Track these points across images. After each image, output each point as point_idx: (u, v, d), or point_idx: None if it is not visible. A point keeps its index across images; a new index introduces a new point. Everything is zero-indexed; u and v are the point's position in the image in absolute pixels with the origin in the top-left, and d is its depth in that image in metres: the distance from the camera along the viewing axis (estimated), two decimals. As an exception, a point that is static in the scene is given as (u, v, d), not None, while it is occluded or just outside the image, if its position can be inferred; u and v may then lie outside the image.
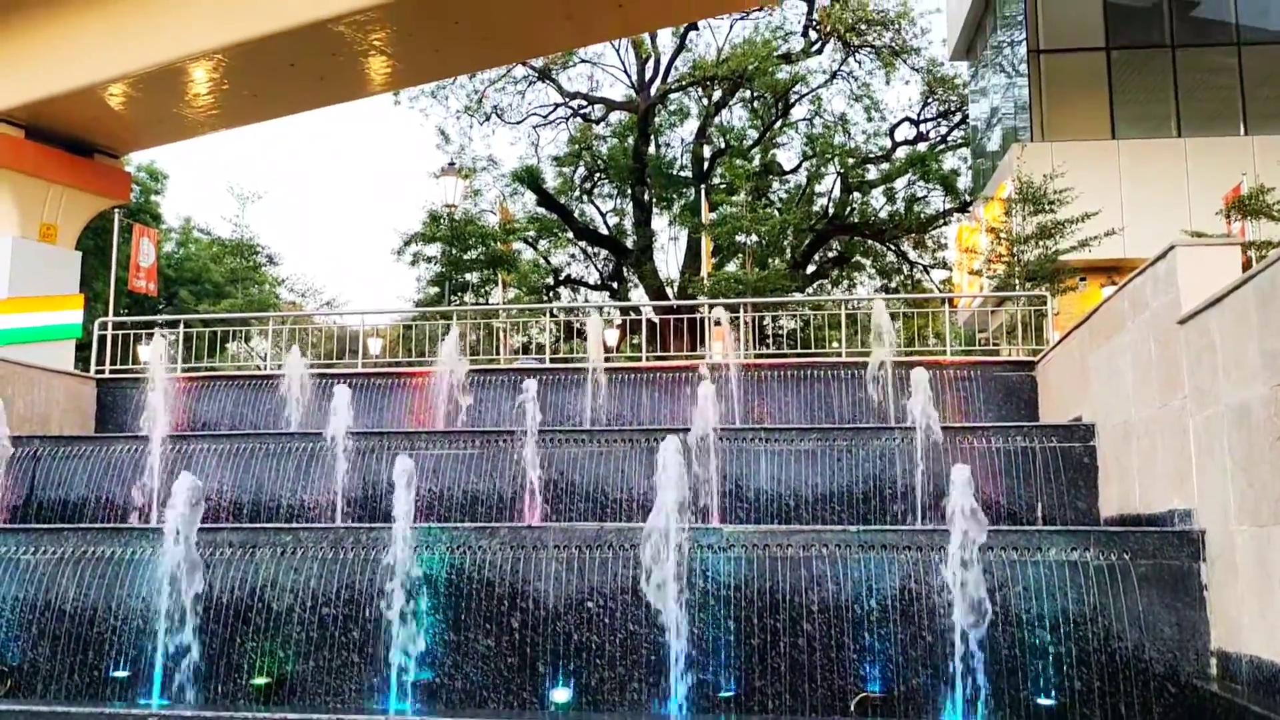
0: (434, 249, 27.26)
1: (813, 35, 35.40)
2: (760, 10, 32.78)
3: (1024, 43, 26.72)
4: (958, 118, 37.12)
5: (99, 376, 14.84)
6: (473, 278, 27.22)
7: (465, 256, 23.99)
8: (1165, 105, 25.72)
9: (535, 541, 8.43)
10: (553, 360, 16.27)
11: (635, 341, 26.43)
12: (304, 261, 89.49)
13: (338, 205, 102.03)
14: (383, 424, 13.50)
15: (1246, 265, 16.66)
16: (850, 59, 36.12)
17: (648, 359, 15.80)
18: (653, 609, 7.86)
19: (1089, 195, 21.89)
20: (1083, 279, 23.37)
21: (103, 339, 16.30)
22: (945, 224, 36.55)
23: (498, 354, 18.15)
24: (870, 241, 37.45)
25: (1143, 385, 9.16)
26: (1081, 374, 11.14)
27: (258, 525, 9.56)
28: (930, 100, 37.21)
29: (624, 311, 29.21)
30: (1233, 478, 7.33)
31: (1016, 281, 20.28)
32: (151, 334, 15.72)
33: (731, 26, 35.86)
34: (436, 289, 32.33)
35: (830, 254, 38.63)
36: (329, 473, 10.86)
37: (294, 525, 9.36)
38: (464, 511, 10.72)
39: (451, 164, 24.93)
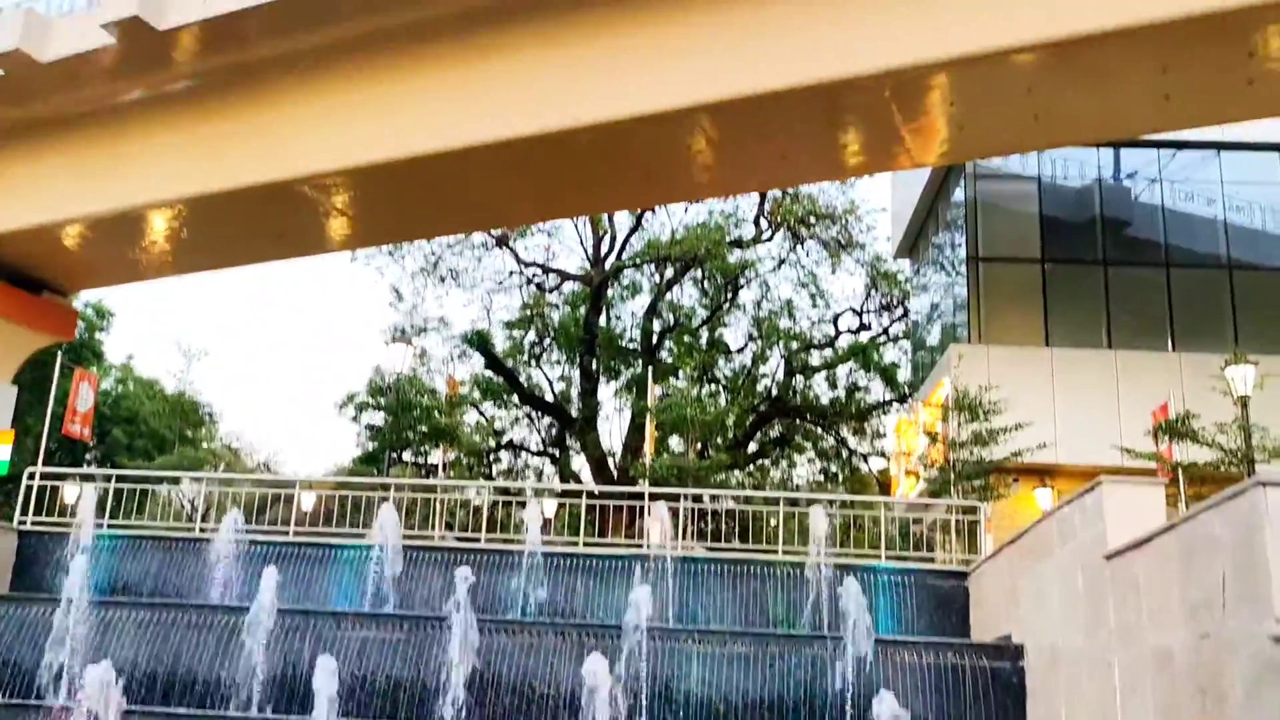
0: (378, 416, 27.26)
1: (763, 224, 36.64)
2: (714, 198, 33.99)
3: (963, 247, 27.88)
4: (899, 311, 38.30)
5: (20, 528, 14.42)
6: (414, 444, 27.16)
7: (407, 434, 23.95)
8: (1097, 318, 26.78)
9: (457, 746, 8.21)
10: (488, 537, 16.10)
11: (575, 511, 26.28)
12: (246, 410, 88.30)
13: (286, 347, 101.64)
14: (310, 597, 13.21)
15: (1173, 498, 17.05)
16: (799, 248, 37.37)
17: (585, 542, 15.72)
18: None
19: (1023, 400, 22.52)
20: (1015, 480, 23.82)
21: (29, 488, 15.89)
22: (884, 414, 37.27)
23: (433, 528, 17.97)
24: (811, 425, 37.98)
25: (1070, 614, 9.30)
26: (1012, 591, 11.28)
27: (171, 712, 9.22)
28: (873, 293, 38.42)
29: (564, 492, 29.21)
30: (1156, 723, 7.40)
31: (951, 484, 20.63)
32: (79, 477, 15.36)
33: (686, 210, 37.08)
34: (375, 444, 32.12)
35: (772, 434, 39.07)
36: (251, 651, 10.55)
37: (209, 715, 9.04)
38: (386, 699, 10.43)
39: (402, 332, 25.08)
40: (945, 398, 23.65)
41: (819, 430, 38.51)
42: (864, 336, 38.42)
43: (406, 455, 32.09)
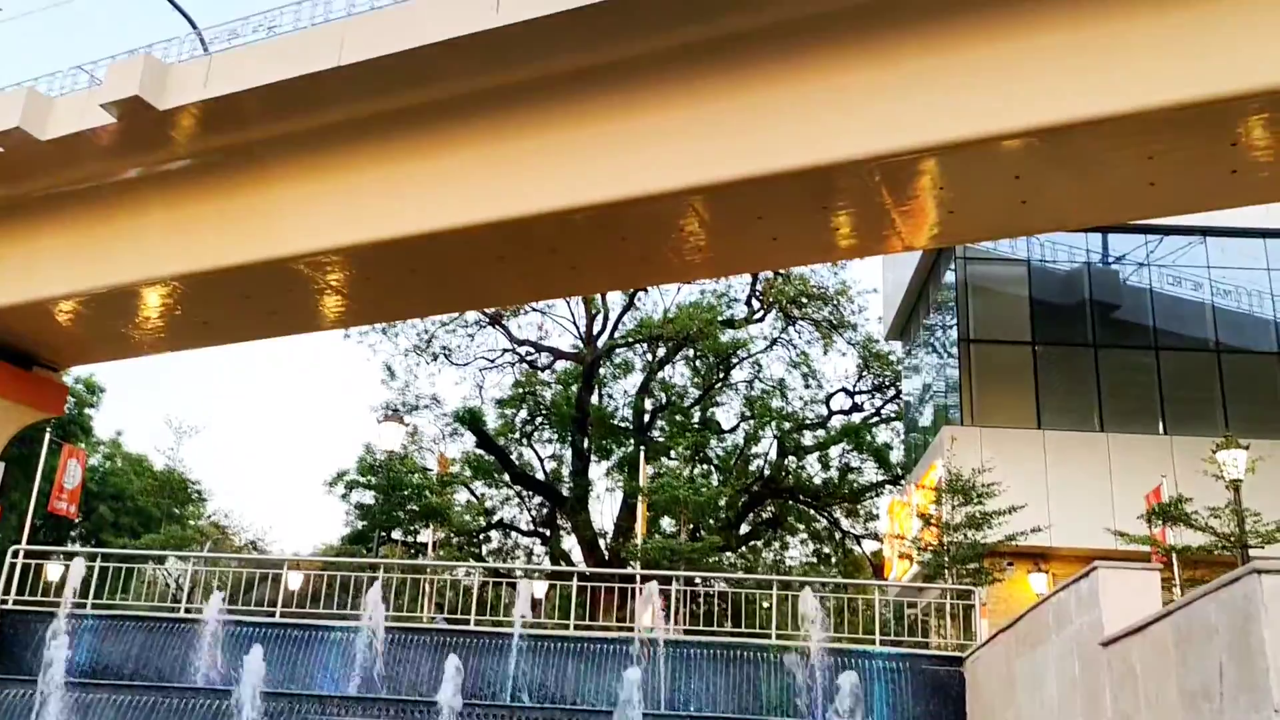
0: (367, 494, 27.10)
1: (755, 304, 36.86)
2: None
3: (954, 329, 28.03)
4: (891, 392, 38.36)
5: (1, 608, 14.20)
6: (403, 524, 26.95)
7: (397, 513, 23.78)
8: (1088, 400, 26.84)
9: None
10: (478, 619, 15.87)
11: (565, 592, 25.97)
12: (235, 487, 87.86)
13: (277, 423, 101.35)
14: (296, 679, 12.97)
15: (1167, 583, 16.91)
16: (790, 328, 37.54)
17: (576, 625, 15.51)
18: None
19: (1016, 483, 22.43)
20: (1010, 564, 23.66)
21: (11, 566, 15.68)
22: (878, 495, 37.11)
23: (422, 610, 17.73)
24: (804, 506, 37.78)
25: (1067, 703, 9.17)
26: (1008, 679, 11.12)
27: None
28: (865, 373, 38.52)
29: (554, 574, 28.96)
30: (1157, 816, 7.25)
31: (946, 568, 20.47)
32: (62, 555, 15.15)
33: (679, 290, 37.33)
34: (364, 523, 31.87)
35: (764, 515, 38.85)
36: (232, 736, 10.33)
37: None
38: (369, 787, 10.18)
39: (395, 410, 25.01)
40: (939, 480, 23.58)
41: (812, 511, 38.31)
42: (856, 417, 38.44)
43: (396, 534, 31.81)
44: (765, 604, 18.00)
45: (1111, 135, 14.53)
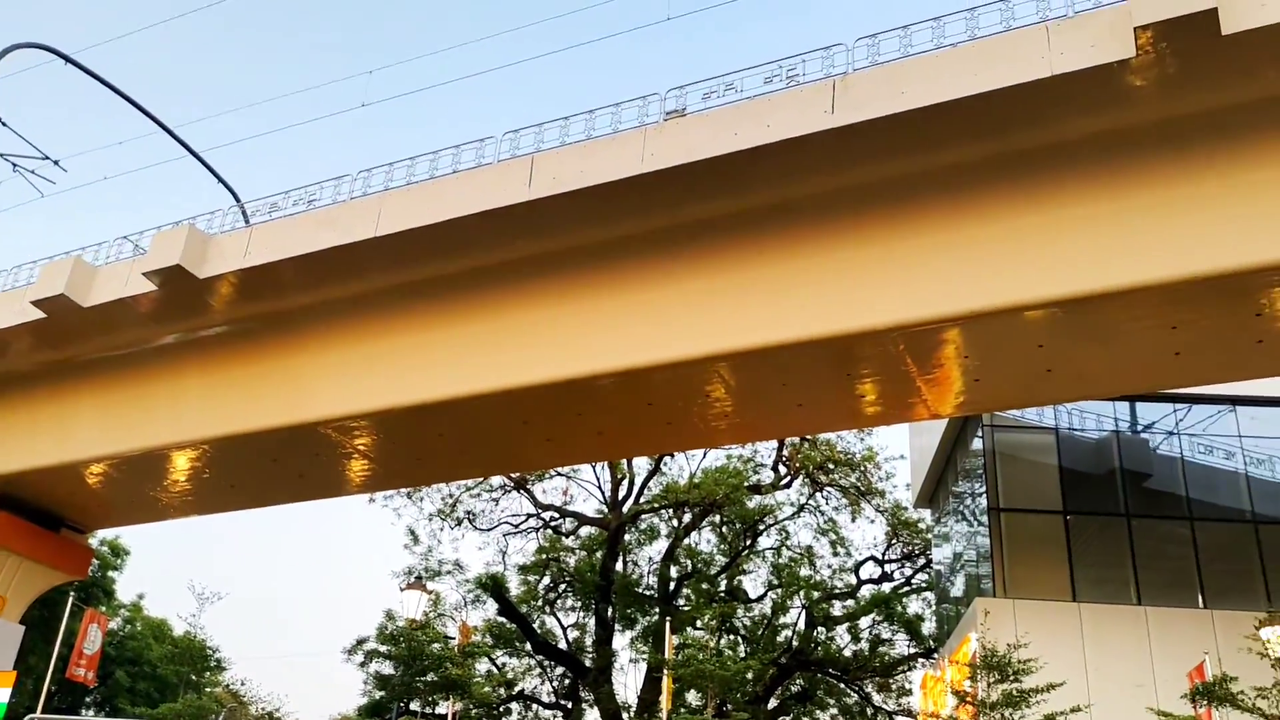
0: (386, 663, 26.65)
1: (782, 469, 36.69)
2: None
3: (984, 497, 27.69)
4: (921, 561, 37.67)
5: (8, 777, 13.83)
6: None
7: (416, 683, 23.31)
8: (1124, 572, 26.22)
9: None
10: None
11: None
12: (254, 651, 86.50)
13: (301, 587, 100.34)
14: None
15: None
16: (818, 495, 37.23)
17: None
18: None
19: (1052, 658, 21.74)
20: (1050, 745, 22.71)
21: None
22: (910, 669, 36.02)
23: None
24: (834, 680, 36.68)
25: None
26: None
27: None
28: (894, 541, 37.93)
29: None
30: None
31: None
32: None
33: (705, 454, 37.28)
34: (383, 693, 31.15)
35: (793, 688, 37.70)
36: None
37: None
38: None
39: (418, 578, 24.73)
40: (973, 654, 22.88)
41: (842, 685, 37.14)
42: (886, 586, 37.65)
43: (414, 705, 31.05)
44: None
45: (1133, 306, 14.66)
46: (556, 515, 38.21)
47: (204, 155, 22.77)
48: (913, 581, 38.14)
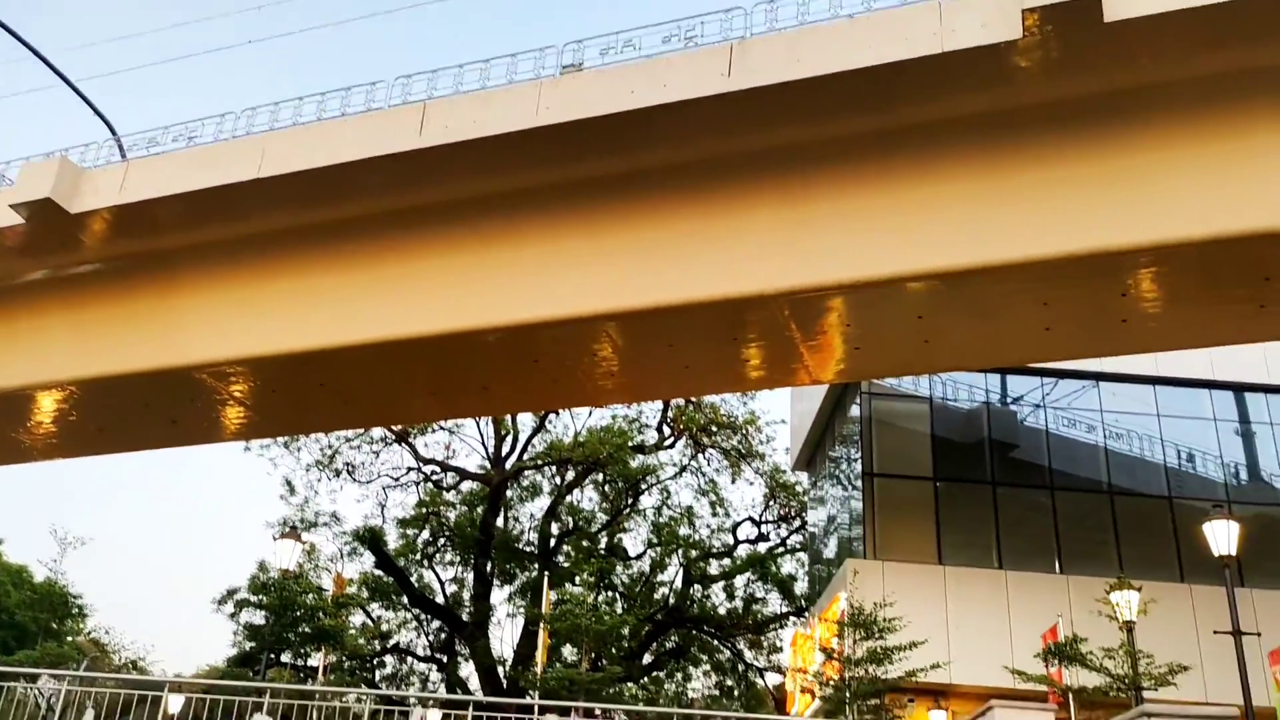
0: (258, 614, 26.18)
1: (666, 431, 37.09)
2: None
3: (859, 463, 28.46)
4: (797, 523, 38.60)
5: None
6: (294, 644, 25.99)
7: (288, 634, 22.94)
8: (987, 537, 27.29)
9: None
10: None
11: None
12: (120, 600, 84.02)
13: (170, 535, 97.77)
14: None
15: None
16: (700, 456, 37.78)
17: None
18: None
19: (917, 617, 22.56)
20: (911, 700, 23.61)
21: None
22: (781, 627, 36.98)
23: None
24: (708, 637, 37.44)
25: (963, 845, 9.08)
26: (905, 820, 10.99)
27: None
28: (772, 503, 38.77)
29: (449, 702, 28.10)
30: None
31: (847, 703, 20.35)
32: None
33: (591, 413, 37.42)
34: (253, 644, 30.63)
35: (668, 644, 38.37)
36: None
37: None
38: None
39: (292, 527, 24.26)
40: (841, 613, 23.60)
41: (716, 642, 37.95)
42: (762, 547, 38.55)
43: (285, 657, 30.64)
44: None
45: (1008, 281, 15.15)
46: (438, 469, 37.98)
47: (79, 85, 21.66)
48: (788, 543, 39.10)
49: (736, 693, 38.83)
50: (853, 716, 19.60)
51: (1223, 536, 18.93)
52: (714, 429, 36.15)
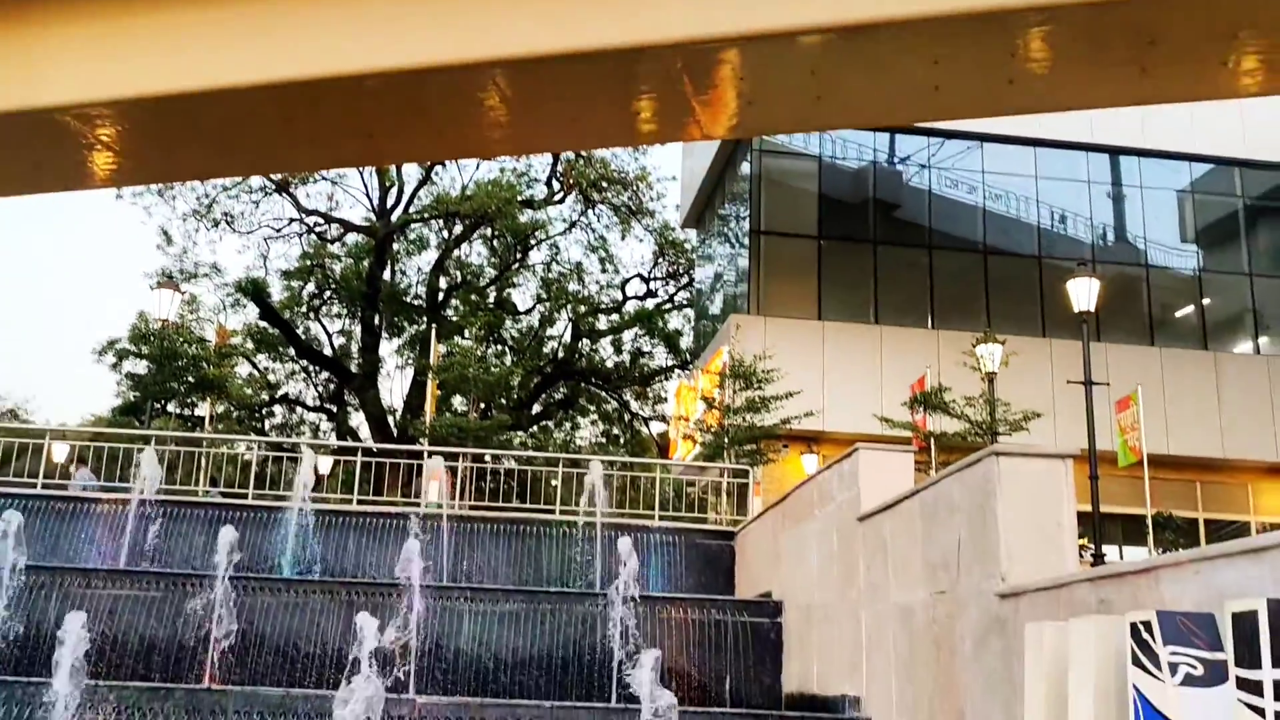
0: (140, 364, 25.75)
1: (556, 185, 36.67)
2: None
3: (747, 220, 28.77)
4: (685, 280, 39.17)
5: None
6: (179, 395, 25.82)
7: (172, 384, 22.70)
8: (866, 294, 28.21)
9: (214, 706, 7.97)
10: (256, 493, 15.57)
11: (351, 469, 25.73)
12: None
13: (41, 286, 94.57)
14: (59, 552, 12.46)
15: (925, 466, 18.17)
16: (589, 212, 37.62)
17: (359, 500, 15.46)
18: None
19: (795, 370, 23.52)
20: (785, 446, 24.90)
21: None
22: (666, 379, 38.15)
23: (197, 484, 17.21)
24: (595, 389, 38.47)
25: (826, 572, 9.85)
26: (774, 551, 11.83)
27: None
28: (661, 260, 39.14)
29: (340, 449, 28.57)
30: (895, 673, 7.97)
31: (725, 449, 21.38)
32: None
33: (478, 166, 36.67)
34: (137, 394, 30.41)
35: (556, 396, 39.36)
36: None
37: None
38: (139, 660, 9.99)
39: (170, 277, 23.56)
40: (724, 365, 24.43)
41: (603, 393, 39.06)
42: (650, 303, 39.15)
43: (171, 407, 30.56)
44: (554, 482, 18.45)
45: (899, 38, 14.97)
46: (321, 221, 37.13)
47: None
48: (675, 299, 39.79)
49: (622, 440, 40.40)
50: (730, 461, 20.65)
51: (1084, 294, 19.93)
52: (604, 184, 35.88)
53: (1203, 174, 30.31)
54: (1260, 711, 3.16)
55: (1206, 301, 29.75)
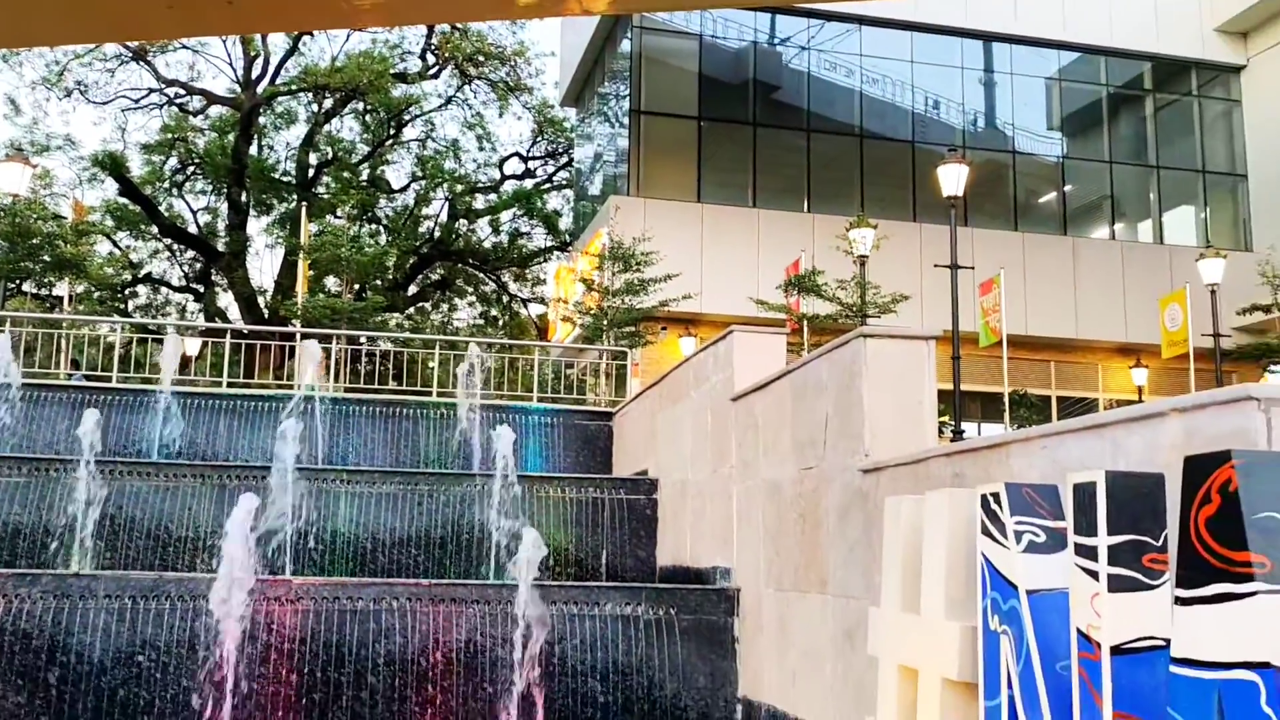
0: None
1: (430, 59, 35.51)
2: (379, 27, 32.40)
3: (627, 100, 28.44)
4: (564, 159, 38.67)
5: None
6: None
7: (26, 263, 21.59)
8: (745, 177, 28.34)
9: (83, 590, 7.86)
10: (121, 376, 15.11)
11: (221, 351, 25.07)
12: None
13: None
14: (-92, 439, 11.94)
15: (798, 347, 18.57)
16: (466, 88, 36.61)
17: (230, 382, 15.13)
18: (209, 664, 7.59)
19: (674, 252, 23.66)
20: (663, 328, 25.19)
21: None
22: (545, 261, 37.92)
23: (58, 367, 16.57)
24: (473, 270, 38.05)
25: (699, 450, 10.11)
26: (651, 431, 12.06)
27: None
28: (539, 139, 38.50)
29: (208, 330, 27.74)
30: (764, 545, 8.30)
31: (604, 331, 21.52)
32: None
33: (349, 37, 35.26)
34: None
35: (433, 277, 38.83)
36: None
37: None
38: (3, 546, 9.74)
39: (19, 149, 22.16)
40: (603, 247, 24.40)
41: (481, 275, 38.67)
42: (529, 183, 38.61)
43: (27, 287, 29.21)
44: (431, 364, 18.34)
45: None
46: (182, 92, 35.35)
47: None
48: (554, 179, 39.31)
49: (501, 322, 40.23)
50: (609, 343, 20.81)
51: (953, 179, 20.40)
52: (481, 59, 34.88)
53: (1070, 62, 31.02)
54: (1094, 575, 3.39)
55: (1068, 188, 30.78)
